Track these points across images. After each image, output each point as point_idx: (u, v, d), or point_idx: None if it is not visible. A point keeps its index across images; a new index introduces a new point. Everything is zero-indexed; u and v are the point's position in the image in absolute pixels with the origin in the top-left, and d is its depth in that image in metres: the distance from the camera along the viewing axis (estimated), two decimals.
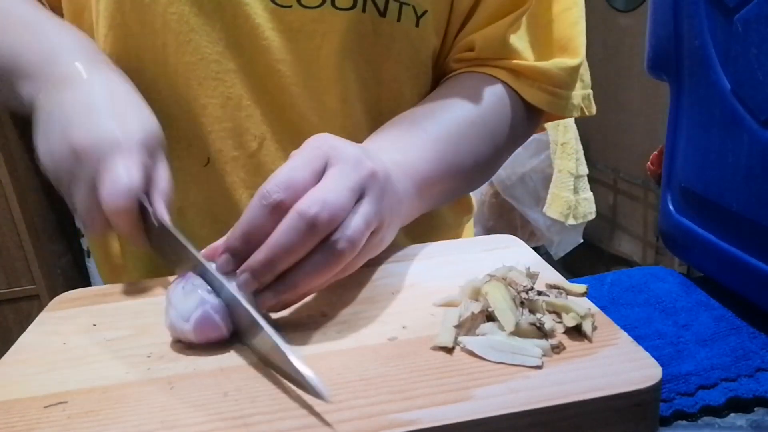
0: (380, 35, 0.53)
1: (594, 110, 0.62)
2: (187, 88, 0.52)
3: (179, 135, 0.53)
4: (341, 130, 0.52)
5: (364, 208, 0.38)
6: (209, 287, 0.37)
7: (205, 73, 0.51)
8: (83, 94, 0.44)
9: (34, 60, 0.48)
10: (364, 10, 0.51)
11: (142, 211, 0.42)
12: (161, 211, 0.42)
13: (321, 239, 0.36)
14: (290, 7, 0.51)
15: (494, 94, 0.56)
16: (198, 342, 0.37)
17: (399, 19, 0.53)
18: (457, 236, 0.69)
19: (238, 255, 0.38)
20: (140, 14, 0.50)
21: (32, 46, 0.49)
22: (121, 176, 0.40)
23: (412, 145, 0.49)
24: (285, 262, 0.36)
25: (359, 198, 0.39)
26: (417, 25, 0.54)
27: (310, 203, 0.36)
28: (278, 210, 0.36)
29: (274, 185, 0.37)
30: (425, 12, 0.54)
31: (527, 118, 0.60)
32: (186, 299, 0.36)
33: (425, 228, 0.64)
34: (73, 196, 0.43)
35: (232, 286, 0.36)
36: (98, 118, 0.43)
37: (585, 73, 0.61)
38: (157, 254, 0.44)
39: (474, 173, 0.56)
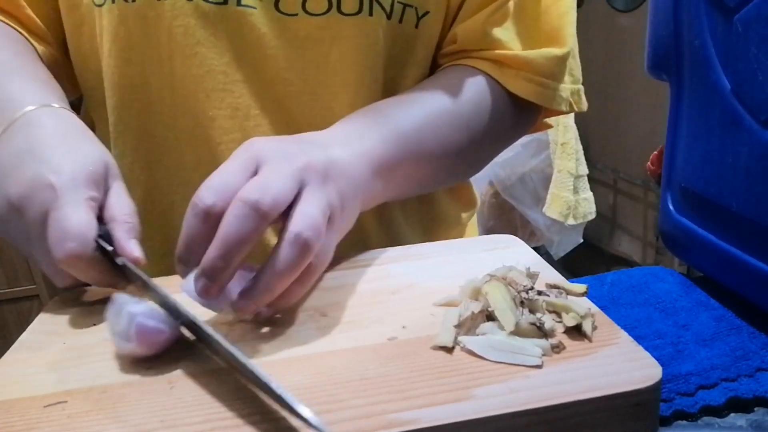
0: (388, 39, 0.53)
1: (585, 106, 0.61)
2: (195, 100, 0.52)
3: (187, 149, 0.53)
4: None
5: (310, 194, 0.38)
6: (134, 298, 0.36)
7: (212, 85, 0.51)
8: (20, 142, 0.42)
9: None
10: (371, 14, 0.51)
11: (104, 252, 0.39)
12: (129, 247, 0.40)
13: (269, 223, 0.36)
14: (296, 15, 0.50)
15: (473, 85, 0.55)
16: (152, 352, 0.36)
17: (401, 21, 0.53)
18: (461, 232, 0.69)
19: (189, 263, 0.37)
20: (145, 27, 0.50)
21: None
22: (64, 224, 0.38)
23: (369, 130, 0.48)
24: (238, 252, 0.35)
25: (300, 188, 0.38)
26: (416, 26, 0.54)
27: (250, 190, 0.36)
28: (210, 216, 0.36)
29: (204, 192, 0.36)
30: (426, 13, 0.54)
31: (514, 111, 0.58)
32: (118, 320, 0.35)
33: (427, 221, 0.64)
34: (26, 250, 0.41)
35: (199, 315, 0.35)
36: (33, 165, 0.40)
37: (576, 68, 0.60)
38: (142, 293, 0.42)
39: (444, 161, 0.54)
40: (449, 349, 0.35)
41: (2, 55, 0.51)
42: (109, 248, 0.39)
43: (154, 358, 0.36)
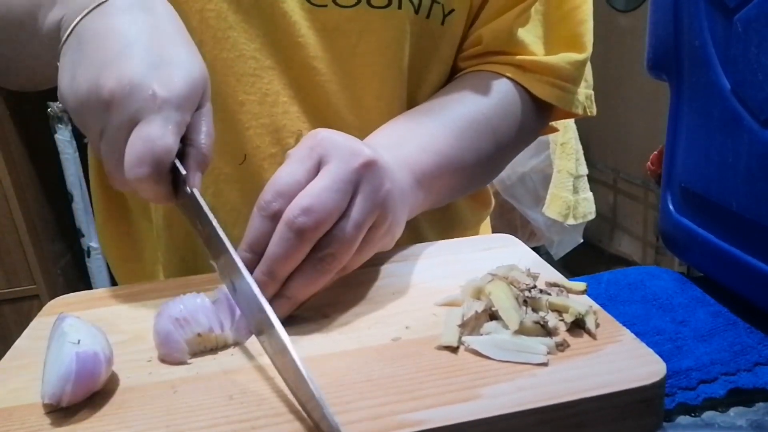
0: (414, 33, 0.54)
1: (595, 111, 0.62)
2: (225, 85, 0.52)
3: (215, 133, 0.53)
4: (378, 127, 0.52)
5: (358, 206, 0.38)
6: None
7: (242, 70, 0.52)
8: (122, 28, 0.38)
9: None
10: (399, 7, 0.52)
11: (172, 170, 0.37)
12: (194, 180, 0.38)
13: (313, 244, 0.37)
14: (325, 6, 0.51)
15: (499, 92, 0.56)
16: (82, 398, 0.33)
17: (428, 17, 0.54)
18: (476, 233, 0.70)
19: (250, 266, 0.38)
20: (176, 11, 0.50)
21: None
22: (150, 144, 0.35)
23: (410, 139, 0.49)
24: (283, 270, 0.37)
25: (355, 192, 0.39)
26: (442, 23, 0.55)
27: (296, 212, 0.37)
28: (276, 218, 0.37)
29: (270, 195, 0.38)
30: (452, 11, 0.55)
31: (535, 116, 0.60)
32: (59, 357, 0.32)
33: (446, 223, 0.64)
34: (97, 143, 0.38)
35: (247, 281, 0.34)
36: (137, 62, 0.36)
37: (588, 73, 0.62)
38: (180, 211, 0.40)
39: (476, 170, 0.56)
40: (454, 349, 0.35)
41: None
42: (184, 172, 0.37)
43: (159, 362, 0.36)
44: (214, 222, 0.36)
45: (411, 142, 0.49)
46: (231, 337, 0.38)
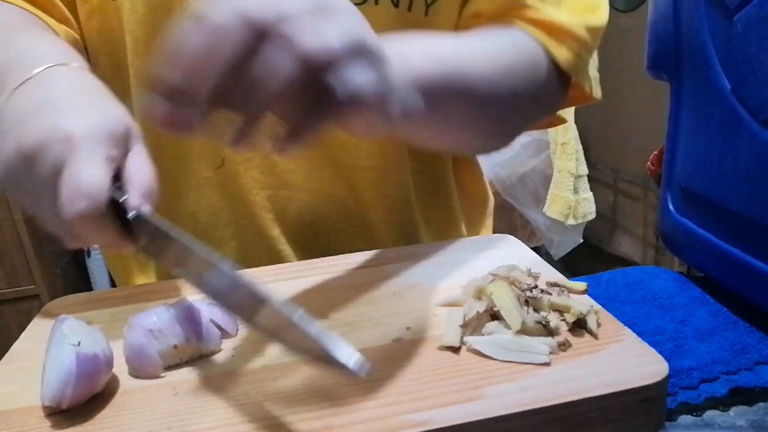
0: (396, 28, 0.52)
1: (600, 95, 0.57)
2: None
3: (192, 138, 0.53)
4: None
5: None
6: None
7: None
8: (39, 95, 0.39)
9: (1, 69, 0.43)
10: (376, 3, 0.51)
11: (118, 211, 0.36)
12: (134, 201, 0.36)
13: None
14: None
15: (515, 39, 0.51)
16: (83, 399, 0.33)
17: (409, 9, 0.52)
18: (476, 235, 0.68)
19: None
20: (169, 17, 0.50)
21: (3, 55, 0.45)
22: (78, 180, 0.34)
23: (414, 47, 0.43)
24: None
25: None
26: (426, 14, 0.53)
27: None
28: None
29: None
30: (435, 0, 0.52)
31: (554, 78, 0.53)
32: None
33: (442, 222, 0.63)
34: (33, 208, 0.38)
35: (225, 267, 0.32)
36: (51, 116, 0.36)
37: (595, 57, 0.57)
38: (146, 256, 0.39)
39: (487, 106, 0.49)
40: (456, 350, 0.35)
41: (18, 23, 0.50)
42: (121, 198, 0.36)
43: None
44: (172, 232, 0.34)
45: (414, 49, 0.42)
46: (204, 346, 0.37)
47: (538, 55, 0.52)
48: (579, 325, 0.36)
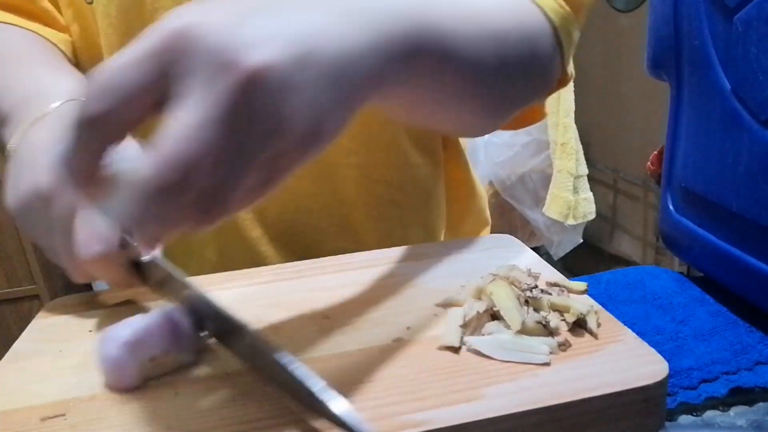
0: None
1: (574, 73, 0.51)
2: None
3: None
4: (358, 133, 0.50)
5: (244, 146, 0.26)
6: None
7: None
8: (56, 131, 0.39)
9: (12, 102, 0.45)
10: None
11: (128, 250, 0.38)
12: (143, 249, 0.38)
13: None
14: None
15: None
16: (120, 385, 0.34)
17: None
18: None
19: None
20: (141, 21, 0.50)
21: (14, 86, 0.46)
22: (94, 224, 0.36)
23: (378, 1, 0.33)
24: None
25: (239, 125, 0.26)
26: None
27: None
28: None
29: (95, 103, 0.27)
30: None
31: (546, 42, 0.47)
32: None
33: (428, 220, 0.63)
34: (45, 243, 0.40)
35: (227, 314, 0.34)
36: None
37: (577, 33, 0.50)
38: (156, 294, 0.40)
39: (470, 72, 0.41)
40: (456, 350, 0.35)
41: (34, 51, 0.51)
42: (134, 243, 0.38)
43: (159, 363, 0.35)
44: (185, 279, 0.37)
45: (380, 1, 0.33)
46: (181, 357, 0.36)
47: (533, 20, 0.46)
48: (579, 325, 0.36)
